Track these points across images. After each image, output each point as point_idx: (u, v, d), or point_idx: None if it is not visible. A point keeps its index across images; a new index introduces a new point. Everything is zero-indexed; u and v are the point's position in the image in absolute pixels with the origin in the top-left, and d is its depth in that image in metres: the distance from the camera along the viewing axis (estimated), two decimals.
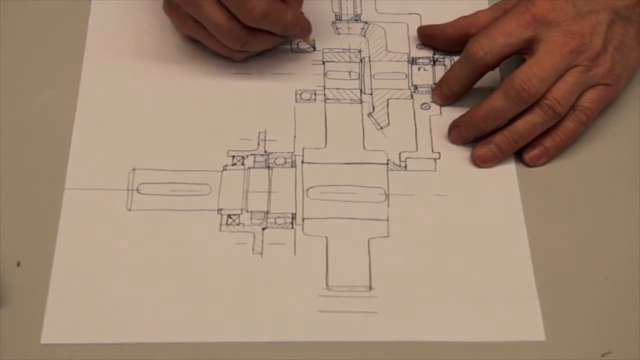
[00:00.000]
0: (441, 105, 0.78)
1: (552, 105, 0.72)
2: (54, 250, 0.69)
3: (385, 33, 0.82)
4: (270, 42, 0.77)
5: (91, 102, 0.77)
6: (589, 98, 0.74)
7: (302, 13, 0.77)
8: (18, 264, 0.69)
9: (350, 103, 0.78)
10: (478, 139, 0.75)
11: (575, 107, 0.74)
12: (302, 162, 0.75)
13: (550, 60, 0.72)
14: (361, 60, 0.81)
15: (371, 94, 0.79)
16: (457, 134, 0.75)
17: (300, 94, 0.79)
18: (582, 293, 0.69)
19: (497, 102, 0.73)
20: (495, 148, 0.74)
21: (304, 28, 0.78)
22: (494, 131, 0.74)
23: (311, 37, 0.79)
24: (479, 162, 0.74)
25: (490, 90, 0.74)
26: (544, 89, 0.72)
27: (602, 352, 0.66)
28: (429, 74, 0.80)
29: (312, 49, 0.81)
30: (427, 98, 0.79)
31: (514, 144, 0.74)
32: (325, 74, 0.80)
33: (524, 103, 0.72)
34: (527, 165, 0.75)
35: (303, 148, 0.75)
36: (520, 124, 0.73)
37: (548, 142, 0.74)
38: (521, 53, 0.75)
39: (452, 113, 0.77)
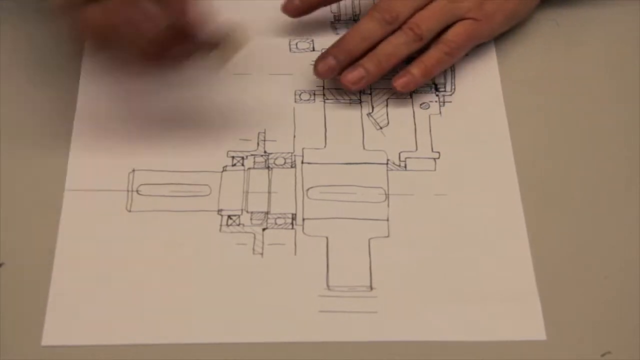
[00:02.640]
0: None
1: (413, 28, 0.76)
2: (54, 250, 0.69)
3: None
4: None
5: (91, 102, 0.77)
6: (455, 32, 0.77)
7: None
8: (18, 265, 0.69)
9: (350, 103, 0.78)
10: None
11: (440, 39, 0.77)
12: (302, 163, 0.75)
13: None
14: None
15: (370, 94, 0.79)
16: (326, 65, 0.77)
17: (300, 94, 0.79)
18: (583, 293, 0.69)
19: (364, 25, 0.76)
20: (363, 70, 0.76)
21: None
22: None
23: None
24: (350, 84, 0.76)
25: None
26: (407, 13, 0.76)
27: (602, 352, 0.66)
28: None
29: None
30: (427, 97, 0.79)
31: (379, 65, 0.76)
32: None
33: (388, 24, 0.76)
34: (399, 92, 0.77)
35: (303, 148, 0.75)
36: (385, 45, 0.76)
37: (414, 69, 0.77)
38: None
39: (453, 113, 0.77)
